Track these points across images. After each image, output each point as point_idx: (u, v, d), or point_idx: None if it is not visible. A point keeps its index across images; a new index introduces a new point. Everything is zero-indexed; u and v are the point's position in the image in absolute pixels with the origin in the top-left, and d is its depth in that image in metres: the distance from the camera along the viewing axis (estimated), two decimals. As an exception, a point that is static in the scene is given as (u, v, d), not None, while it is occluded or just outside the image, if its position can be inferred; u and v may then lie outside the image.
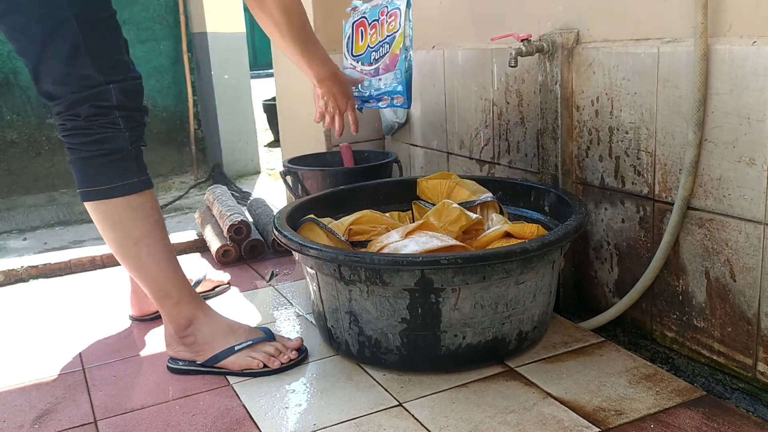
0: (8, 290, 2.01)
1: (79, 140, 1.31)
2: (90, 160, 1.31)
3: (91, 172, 1.32)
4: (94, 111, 1.28)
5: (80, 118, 1.29)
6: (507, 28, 1.67)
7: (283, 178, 2.11)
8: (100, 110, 1.29)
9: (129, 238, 1.33)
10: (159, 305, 1.39)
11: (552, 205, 1.56)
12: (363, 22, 1.83)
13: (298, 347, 1.41)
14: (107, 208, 1.32)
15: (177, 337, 1.40)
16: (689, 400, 1.19)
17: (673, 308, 1.41)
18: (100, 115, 1.29)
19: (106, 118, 1.30)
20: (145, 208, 1.34)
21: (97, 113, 1.29)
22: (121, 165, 1.32)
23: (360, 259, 1.24)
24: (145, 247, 1.34)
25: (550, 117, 1.60)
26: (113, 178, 1.32)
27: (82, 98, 1.28)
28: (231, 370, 1.37)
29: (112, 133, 1.31)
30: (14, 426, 1.27)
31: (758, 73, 1.15)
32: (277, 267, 2.04)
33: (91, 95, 1.28)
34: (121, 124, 1.31)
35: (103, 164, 1.31)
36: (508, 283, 1.27)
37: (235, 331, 1.41)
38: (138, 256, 1.34)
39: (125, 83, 1.31)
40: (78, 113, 1.29)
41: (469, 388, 1.27)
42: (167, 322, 1.41)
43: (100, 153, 1.31)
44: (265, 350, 1.38)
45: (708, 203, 1.29)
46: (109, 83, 1.28)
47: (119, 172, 1.32)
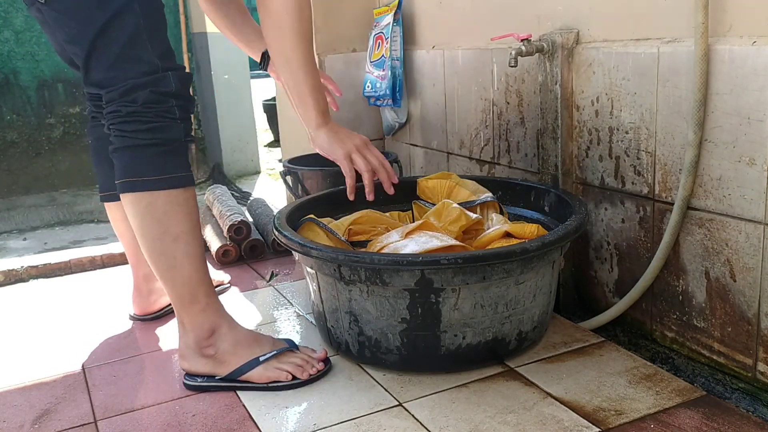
0: (8, 290, 2.01)
1: (134, 127, 1.26)
2: (141, 149, 1.27)
3: (140, 161, 1.27)
4: (153, 97, 1.25)
5: (137, 103, 1.25)
6: (507, 28, 1.67)
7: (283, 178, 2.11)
8: (158, 97, 1.25)
9: (169, 234, 1.27)
10: (184, 310, 1.31)
11: (552, 205, 1.56)
12: (381, 36, 2.20)
13: (324, 358, 1.35)
14: (152, 201, 1.26)
15: (197, 348, 1.31)
16: (689, 400, 1.19)
17: (673, 308, 1.41)
18: (158, 102, 1.26)
19: (163, 106, 1.26)
20: (189, 204, 1.29)
21: (156, 100, 1.25)
22: (173, 157, 1.28)
23: (360, 259, 1.24)
24: (183, 244, 1.27)
25: (550, 117, 1.60)
26: (164, 169, 1.27)
27: (141, 84, 1.24)
28: (257, 383, 1.30)
29: (168, 122, 1.27)
30: (14, 426, 1.27)
31: (758, 73, 1.15)
32: (277, 267, 2.04)
33: (150, 81, 1.25)
34: (177, 113, 1.28)
35: (154, 154, 1.27)
36: (508, 283, 1.27)
37: (258, 341, 1.34)
38: (174, 254, 1.27)
39: (181, 71, 1.29)
40: (135, 99, 1.25)
41: (469, 388, 1.27)
42: (188, 330, 1.32)
43: (153, 142, 1.26)
44: (292, 361, 1.32)
45: (708, 203, 1.29)
46: (167, 70, 1.26)
47: (170, 163, 1.28)
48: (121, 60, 1.24)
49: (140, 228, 1.28)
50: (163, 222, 1.26)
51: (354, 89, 2.36)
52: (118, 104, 1.26)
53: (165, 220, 1.26)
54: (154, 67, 1.25)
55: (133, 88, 1.24)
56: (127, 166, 1.27)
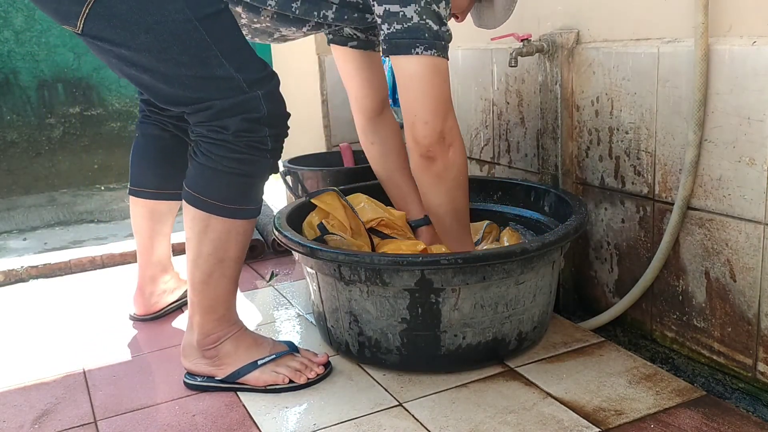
0: (8, 290, 2.01)
1: (222, 153, 1.21)
2: (222, 175, 1.22)
3: (216, 185, 1.23)
4: (245, 126, 1.19)
5: (228, 131, 1.19)
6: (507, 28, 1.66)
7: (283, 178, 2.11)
8: (250, 125, 1.20)
9: (216, 256, 1.25)
10: (199, 313, 1.30)
11: (552, 205, 1.56)
12: None
13: (324, 362, 1.35)
14: (212, 223, 1.24)
15: (198, 348, 1.32)
16: (689, 400, 1.19)
17: (673, 308, 1.41)
18: (250, 131, 1.20)
19: (255, 136, 1.21)
20: (246, 233, 1.28)
21: (248, 129, 1.20)
22: (250, 190, 1.26)
23: (360, 259, 1.24)
24: (225, 268, 1.27)
25: (550, 117, 1.60)
26: (236, 200, 1.24)
27: (229, 107, 1.18)
28: (254, 386, 1.30)
29: (257, 156, 1.23)
30: (14, 426, 1.27)
31: (758, 73, 1.15)
32: (277, 267, 2.04)
33: (239, 104, 1.18)
34: (269, 145, 1.23)
35: (233, 184, 1.23)
36: (508, 283, 1.27)
37: (259, 345, 1.34)
38: (212, 273, 1.26)
39: (269, 86, 1.22)
40: (226, 126, 1.19)
41: (469, 388, 1.27)
42: (194, 331, 1.32)
43: (237, 172, 1.22)
44: (291, 365, 1.32)
45: (708, 203, 1.29)
46: (253, 88, 1.19)
47: (244, 196, 1.25)
48: (195, 81, 1.18)
49: (191, 239, 1.27)
50: (216, 244, 1.25)
51: (354, 89, 2.35)
52: (207, 128, 1.21)
53: (218, 243, 1.25)
54: (236, 84, 1.18)
55: (221, 112, 1.18)
56: (202, 182, 1.24)
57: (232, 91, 1.19)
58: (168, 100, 1.24)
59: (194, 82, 1.18)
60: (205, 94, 1.19)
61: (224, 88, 1.19)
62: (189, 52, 1.16)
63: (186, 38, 1.16)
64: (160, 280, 1.67)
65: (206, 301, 1.29)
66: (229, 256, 1.27)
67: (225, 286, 1.29)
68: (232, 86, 1.19)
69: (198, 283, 1.28)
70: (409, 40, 1.24)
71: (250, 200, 1.27)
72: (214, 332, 1.31)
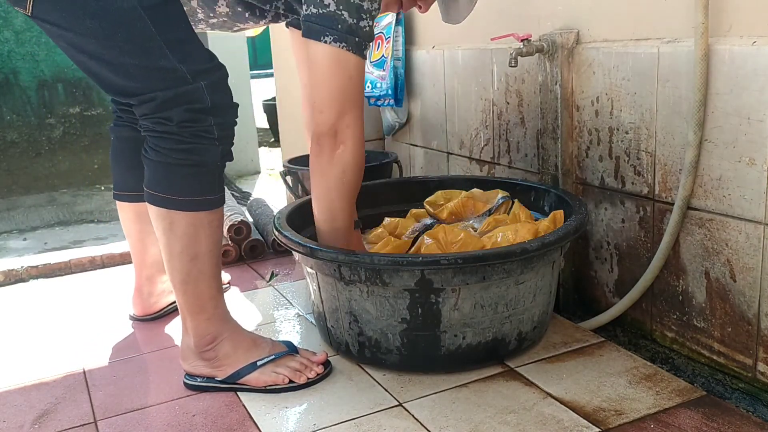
0: (8, 290, 2.01)
1: (169, 145, 1.21)
2: (173, 168, 1.23)
3: (170, 180, 1.23)
4: (188, 116, 1.19)
5: (172, 122, 1.19)
6: (507, 28, 1.66)
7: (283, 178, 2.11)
8: (194, 115, 1.20)
9: (187, 253, 1.25)
10: (189, 316, 1.31)
11: (552, 205, 1.56)
12: (381, 36, 2.20)
13: (323, 361, 1.34)
14: (176, 219, 1.24)
15: (197, 351, 1.32)
16: (689, 400, 1.19)
17: (673, 308, 1.41)
18: (194, 121, 1.20)
19: (200, 126, 1.21)
20: (212, 226, 1.27)
21: (191, 119, 1.20)
22: (205, 179, 1.25)
23: (360, 259, 1.24)
24: (200, 264, 1.26)
25: (550, 117, 1.60)
26: (193, 191, 1.23)
27: (172, 98, 1.18)
28: (254, 387, 1.30)
29: (205, 144, 1.23)
30: (14, 426, 1.27)
31: (758, 73, 1.15)
32: (277, 267, 2.04)
33: (182, 95, 1.18)
34: (215, 133, 1.23)
35: (186, 175, 1.23)
36: (508, 283, 1.27)
37: (258, 345, 1.33)
38: (189, 272, 1.26)
39: (214, 76, 1.22)
40: (169, 117, 1.19)
41: (469, 388, 1.27)
42: (190, 335, 1.32)
43: (187, 163, 1.22)
44: (290, 365, 1.31)
45: (708, 203, 1.29)
46: (197, 79, 1.19)
47: (201, 186, 1.24)
48: (139, 70, 1.18)
49: (161, 239, 1.27)
50: (184, 241, 1.25)
51: (354, 89, 2.35)
52: (152, 120, 1.21)
53: (186, 239, 1.25)
54: (180, 75, 1.18)
55: (164, 103, 1.18)
56: (157, 179, 1.24)
57: (175, 81, 1.18)
58: (114, 90, 1.23)
59: (138, 72, 1.18)
60: (149, 84, 1.18)
61: (167, 78, 1.18)
62: (133, 40, 1.16)
63: (130, 26, 1.15)
64: (158, 280, 1.67)
65: (192, 300, 1.29)
66: (201, 251, 1.26)
67: (206, 283, 1.28)
68: (175, 77, 1.18)
69: (178, 284, 1.28)
70: (320, 27, 1.21)
71: (208, 190, 1.26)
72: (209, 332, 1.31)
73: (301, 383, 1.30)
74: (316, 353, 1.38)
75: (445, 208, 1.62)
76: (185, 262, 1.26)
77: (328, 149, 1.28)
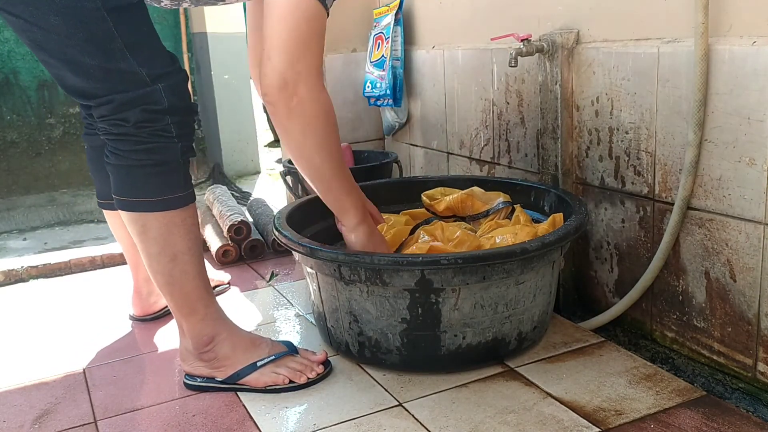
0: (8, 290, 2.01)
1: (128, 147, 1.21)
2: (135, 169, 1.22)
3: (135, 182, 1.22)
4: (146, 116, 1.18)
5: (129, 123, 1.18)
6: (507, 28, 1.67)
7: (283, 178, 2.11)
8: (151, 115, 1.18)
9: (165, 254, 1.24)
10: (182, 319, 1.30)
11: (552, 205, 1.56)
12: (381, 36, 2.21)
13: (323, 361, 1.34)
14: (148, 221, 1.23)
15: (195, 353, 1.31)
16: (689, 400, 1.19)
17: (673, 308, 1.41)
18: (151, 121, 1.19)
19: (157, 125, 1.20)
20: (186, 224, 1.25)
21: (148, 119, 1.18)
22: (169, 177, 1.23)
23: (360, 259, 1.24)
24: (181, 263, 1.25)
25: (550, 117, 1.60)
26: (160, 191, 1.22)
27: (129, 100, 1.17)
28: (254, 387, 1.29)
29: (163, 143, 1.21)
30: (14, 426, 1.27)
31: (758, 73, 1.15)
32: (277, 267, 2.04)
33: (139, 97, 1.17)
34: (173, 131, 1.21)
35: (150, 175, 1.22)
36: (508, 283, 1.27)
37: (257, 345, 1.33)
38: (171, 273, 1.25)
39: (172, 80, 1.21)
40: (126, 118, 1.18)
41: (469, 388, 1.27)
42: (187, 337, 1.31)
43: (148, 163, 1.21)
44: (290, 365, 1.31)
45: (708, 203, 1.29)
46: (156, 81, 1.18)
47: (167, 185, 1.23)
48: (99, 71, 1.16)
49: (138, 244, 1.26)
50: (159, 242, 1.24)
51: (354, 89, 2.36)
52: (109, 122, 1.20)
53: (161, 240, 1.24)
54: (139, 78, 1.17)
55: (121, 105, 1.18)
56: (122, 184, 1.24)
57: (134, 84, 1.18)
58: (73, 91, 1.22)
59: (98, 73, 1.17)
60: (108, 85, 1.18)
61: (126, 81, 1.17)
62: (94, 41, 1.15)
63: (92, 26, 1.14)
64: None
65: (180, 302, 1.28)
66: (179, 251, 1.25)
67: (191, 282, 1.27)
68: (134, 80, 1.18)
69: (163, 287, 1.27)
70: None
71: (175, 188, 1.24)
72: (205, 333, 1.31)
73: (301, 383, 1.30)
74: (316, 353, 1.37)
75: (442, 201, 1.63)
76: (164, 263, 1.25)
77: (281, 104, 1.17)
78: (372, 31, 2.27)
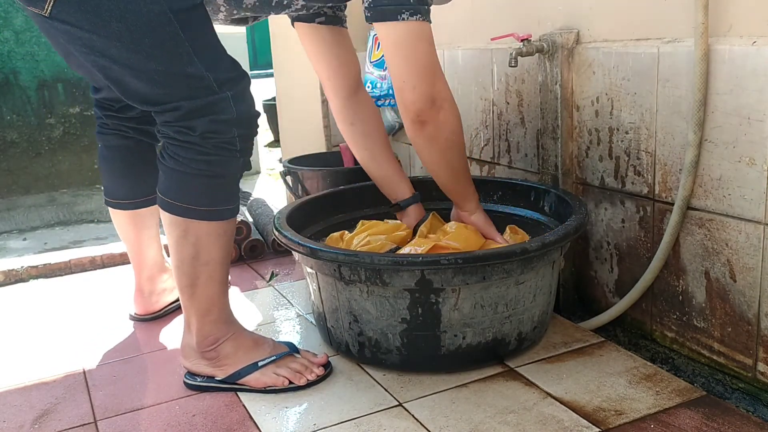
0: (8, 290, 2.01)
1: (190, 155, 1.19)
2: (192, 177, 1.21)
3: (188, 189, 1.21)
4: (213, 127, 1.17)
5: (195, 133, 1.17)
6: (507, 28, 1.66)
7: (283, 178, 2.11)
8: (218, 126, 1.17)
9: (199, 260, 1.24)
10: (194, 317, 1.30)
11: (552, 205, 1.56)
12: None
13: (324, 363, 1.34)
14: (191, 227, 1.22)
15: (198, 350, 1.31)
16: (689, 400, 1.19)
17: (673, 308, 1.41)
18: (219, 132, 1.18)
19: (223, 137, 1.19)
20: (227, 234, 1.26)
21: (215, 130, 1.17)
22: (224, 190, 1.24)
23: (360, 259, 1.24)
24: (210, 270, 1.26)
25: (550, 117, 1.60)
26: (211, 201, 1.22)
27: (198, 108, 1.16)
28: (254, 388, 1.30)
29: (227, 157, 1.21)
30: (14, 426, 1.27)
31: (758, 73, 1.15)
32: (277, 267, 2.04)
33: (208, 105, 1.16)
34: (237, 145, 1.21)
35: (204, 186, 1.21)
36: (508, 283, 1.27)
37: (259, 345, 1.33)
38: (199, 276, 1.26)
39: (239, 86, 1.20)
40: (193, 127, 1.17)
41: (469, 388, 1.27)
42: (193, 334, 1.31)
43: (207, 174, 1.21)
44: (291, 366, 1.31)
45: (708, 203, 1.29)
46: (223, 88, 1.17)
47: (218, 197, 1.23)
48: (164, 77, 1.15)
49: (172, 245, 1.26)
50: (197, 248, 1.24)
51: (354, 89, 2.36)
52: (174, 129, 1.19)
53: (199, 246, 1.24)
54: (206, 84, 1.16)
55: (189, 113, 1.16)
56: (174, 187, 1.22)
57: (202, 90, 1.17)
58: (136, 97, 1.20)
59: (164, 78, 1.16)
60: (174, 91, 1.16)
61: (194, 87, 1.16)
62: (161, 45, 1.13)
63: (159, 30, 1.13)
64: (158, 279, 1.67)
65: (198, 304, 1.28)
66: (213, 259, 1.26)
67: (214, 288, 1.28)
68: (202, 85, 1.17)
69: (186, 288, 1.28)
70: (395, 6, 1.22)
71: (225, 201, 1.25)
72: (212, 334, 1.31)
73: (301, 385, 1.30)
74: (317, 354, 1.37)
75: None
76: (196, 267, 1.25)
77: (431, 119, 1.31)
78: (371, 31, 2.28)
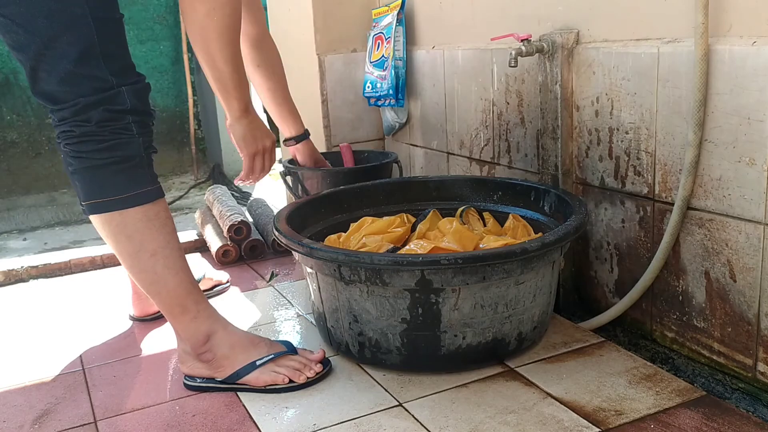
0: (8, 290, 2.01)
1: (90, 147, 1.22)
2: (101, 169, 1.23)
3: (102, 182, 1.24)
4: (107, 116, 1.21)
5: (91, 123, 1.21)
6: (507, 28, 1.67)
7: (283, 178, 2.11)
8: (113, 114, 1.21)
9: (145, 251, 1.25)
10: (174, 320, 1.31)
11: (552, 205, 1.56)
12: (381, 36, 2.21)
13: (321, 359, 1.34)
14: (121, 220, 1.24)
15: (194, 354, 1.32)
16: (689, 400, 1.19)
17: (673, 308, 1.41)
18: (113, 120, 1.22)
19: (119, 123, 1.22)
20: (160, 217, 1.27)
21: (110, 118, 1.21)
22: (135, 173, 1.25)
23: (360, 259, 1.24)
24: (162, 258, 1.26)
25: (550, 117, 1.60)
26: (128, 187, 1.24)
27: (93, 102, 1.20)
28: (254, 387, 1.30)
29: (126, 139, 1.23)
30: (14, 426, 1.27)
31: (758, 73, 1.15)
32: (277, 267, 2.04)
33: (103, 99, 1.20)
34: (134, 129, 1.24)
35: (115, 172, 1.23)
36: (508, 283, 1.27)
37: (255, 345, 1.33)
38: (154, 269, 1.26)
39: (137, 85, 1.25)
40: (88, 118, 1.21)
41: (469, 388, 1.27)
42: (182, 338, 1.32)
43: (112, 160, 1.23)
44: (289, 364, 1.31)
45: (708, 203, 1.29)
46: (121, 86, 1.22)
47: (134, 180, 1.25)
48: (73, 76, 1.19)
49: (115, 247, 1.28)
50: (136, 239, 1.25)
51: (354, 89, 2.36)
52: (71, 124, 1.22)
53: (137, 237, 1.25)
54: (107, 84, 1.21)
55: (85, 107, 1.20)
56: (88, 187, 1.25)
57: (100, 89, 1.21)
58: (44, 94, 1.23)
59: (71, 78, 1.20)
60: (78, 90, 1.20)
61: (97, 87, 1.21)
62: (76, 46, 1.18)
63: (77, 32, 1.18)
64: None
65: (169, 301, 1.29)
66: (159, 246, 1.26)
67: (176, 277, 1.28)
68: (102, 87, 1.21)
69: (150, 287, 1.28)
70: None
71: (142, 183, 1.26)
72: (200, 331, 1.31)
73: (300, 382, 1.30)
74: (314, 352, 1.38)
75: None
76: (145, 260, 1.26)
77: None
78: (371, 31, 2.28)
